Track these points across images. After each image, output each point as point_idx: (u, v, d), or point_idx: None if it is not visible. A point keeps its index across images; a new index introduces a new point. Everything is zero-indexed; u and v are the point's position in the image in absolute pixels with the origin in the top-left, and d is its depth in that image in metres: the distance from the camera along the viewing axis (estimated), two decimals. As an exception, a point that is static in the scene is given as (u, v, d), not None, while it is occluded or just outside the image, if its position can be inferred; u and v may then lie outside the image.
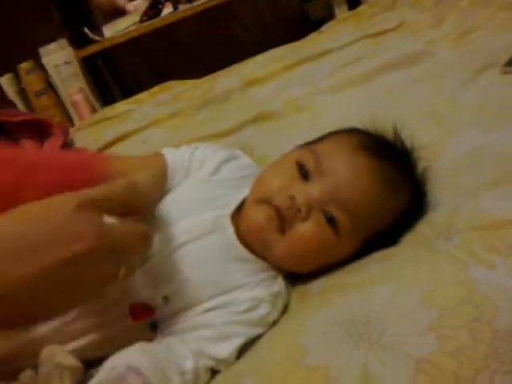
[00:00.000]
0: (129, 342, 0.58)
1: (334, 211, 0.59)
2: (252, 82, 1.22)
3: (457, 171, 0.67)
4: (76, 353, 0.57)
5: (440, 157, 0.71)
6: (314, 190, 0.60)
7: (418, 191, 0.65)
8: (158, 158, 0.72)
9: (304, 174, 0.61)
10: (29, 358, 0.57)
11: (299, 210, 0.59)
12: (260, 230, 0.60)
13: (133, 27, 1.66)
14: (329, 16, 1.80)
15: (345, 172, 0.60)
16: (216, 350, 0.55)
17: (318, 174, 0.61)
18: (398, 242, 0.61)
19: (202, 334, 0.56)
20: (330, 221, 0.59)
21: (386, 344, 0.45)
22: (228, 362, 0.55)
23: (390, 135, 0.68)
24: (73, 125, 1.58)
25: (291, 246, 0.59)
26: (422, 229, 0.60)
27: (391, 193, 0.61)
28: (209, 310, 0.58)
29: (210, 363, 0.55)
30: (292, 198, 0.59)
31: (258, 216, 0.60)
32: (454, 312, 0.45)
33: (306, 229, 0.59)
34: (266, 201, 0.60)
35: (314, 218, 0.59)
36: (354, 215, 0.59)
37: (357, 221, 0.59)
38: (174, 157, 0.72)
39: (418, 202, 0.64)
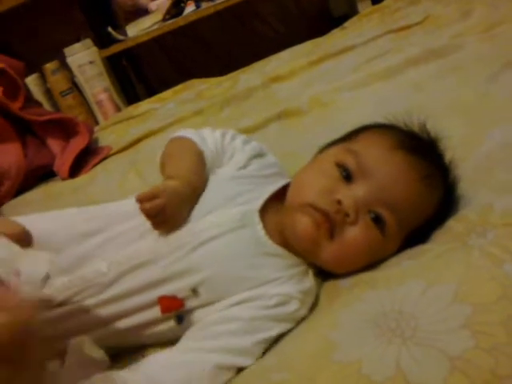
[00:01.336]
0: (154, 333, 0.61)
1: (381, 211, 0.59)
2: (275, 79, 1.22)
3: (489, 166, 0.66)
4: (101, 339, 0.59)
5: (472, 152, 0.70)
6: (359, 191, 0.59)
7: (450, 185, 0.65)
8: (193, 148, 0.71)
9: (346, 175, 0.61)
10: (55, 341, 0.59)
11: (347, 215, 0.58)
12: (309, 237, 0.59)
13: (156, 26, 1.67)
14: (351, 11, 1.78)
15: (388, 173, 0.60)
16: (240, 342, 0.55)
17: (361, 176, 0.60)
18: (429, 239, 0.61)
19: (228, 328, 0.56)
20: (377, 222, 0.59)
21: (420, 340, 0.45)
22: (252, 354, 0.55)
23: (416, 129, 0.67)
24: (97, 124, 1.60)
25: (341, 250, 0.59)
26: (454, 225, 0.60)
27: (429, 189, 0.61)
28: (237, 303, 0.58)
29: (235, 360, 0.55)
30: (339, 201, 0.59)
31: (305, 222, 0.59)
32: (490, 308, 0.44)
33: (356, 233, 0.59)
34: (310, 205, 0.60)
35: (362, 221, 0.59)
36: (399, 214, 0.59)
37: (401, 219, 0.59)
38: (209, 149, 0.71)
39: (450, 196, 0.64)
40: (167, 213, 0.60)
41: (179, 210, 0.62)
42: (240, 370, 0.55)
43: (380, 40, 1.22)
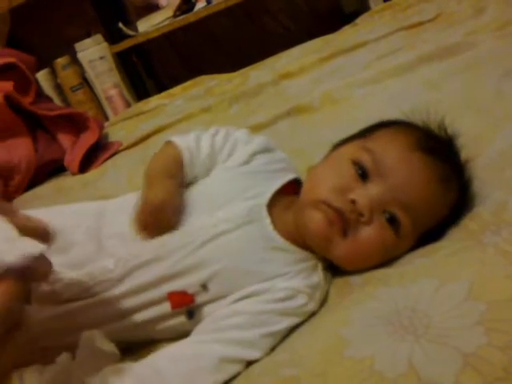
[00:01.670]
0: (165, 328, 0.61)
1: (396, 212, 0.59)
2: (285, 76, 1.21)
3: (503, 164, 0.65)
4: (111, 334, 0.58)
5: (485, 150, 0.69)
6: (375, 191, 0.59)
7: (466, 185, 0.65)
8: (170, 149, 0.71)
9: (362, 173, 0.61)
10: (66, 334, 0.59)
11: (361, 214, 0.59)
12: (322, 234, 0.59)
13: (166, 22, 1.67)
14: (363, 8, 1.77)
15: (404, 173, 0.60)
16: (247, 335, 0.55)
17: (376, 175, 0.60)
18: (443, 237, 0.60)
19: (236, 321, 0.56)
20: (392, 222, 0.59)
21: (433, 337, 0.44)
22: (260, 347, 0.55)
23: (434, 126, 0.67)
24: (107, 119, 1.60)
25: (354, 249, 0.59)
26: (468, 223, 0.59)
27: (445, 191, 0.61)
28: (245, 297, 0.58)
29: (241, 352, 0.55)
30: (353, 201, 0.59)
31: (319, 218, 0.59)
32: (504, 306, 0.44)
33: (370, 233, 0.59)
34: (324, 203, 0.60)
35: (377, 221, 0.59)
36: (414, 215, 0.59)
37: (416, 220, 0.59)
38: (201, 150, 0.70)
39: (465, 195, 0.64)
40: (158, 216, 0.61)
41: (169, 207, 0.63)
42: (250, 364, 0.55)
43: (392, 37, 1.21)
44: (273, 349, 0.56)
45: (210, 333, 0.57)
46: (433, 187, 0.60)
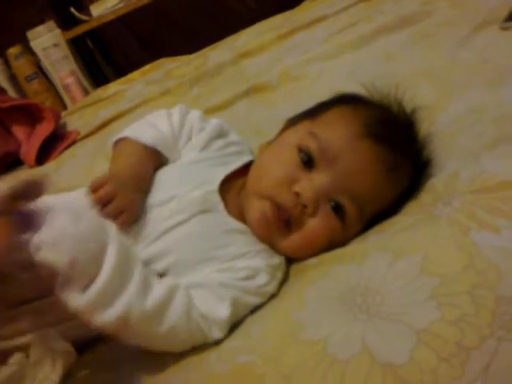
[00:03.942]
0: None
1: (342, 200, 0.58)
2: (245, 55, 1.19)
3: (456, 132, 0.65)
4: (69, 331, 0.56)
5: (439, 118, 0.69)
6: (320, 181, 0.58)
7: (421, 165, 0.63)
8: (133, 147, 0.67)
9: (307, 161, 0.59)
10: (20, 335, 0.57)
11: (305, 206, 0.57)
12: (265, 229, 0.59)
13: (121, 5, 1.62)
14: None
15: (350, 163, 0.58)
16: (210, 309, 0.54)
17: (322, 163, 0.59)
18: (398, 212, 0.59)
19: (197, 293, 0.55)
20: (337, 211, 0.58)
21: (386, 315, 0.43)
22: (220, 326, 0.54)
23: (389, 99, 0.66)
24: (66, 108, 1.56)
25: (300, 242, 0.59)
26: (422, 196, 0.58)
27: (394, 180, 0.60)
28: (208, 274, 0.57)
29: (202, 321, 0.54)
30: (297, 194, 0.57)
31: (262, 214, 0.58)
32: (455, 279, 0.43)
33: (316, 224, 0.58)
34: (268, 197, 0.58)
35: (322, 212, 0.58)
36: (360, 204, 0.58)
37: (363, 209, 0.59)
38: (159, 139, 0.68)
39: (420, 175, 0.63)
40: (121, 199, 0.57)
41: (132, 196, 0.60)
42: (207, 348, 0.53)
43: (351, 10, 1.19)
44: (230, 332, 0.54)
45: None
46: (381, 177, 0.59)
